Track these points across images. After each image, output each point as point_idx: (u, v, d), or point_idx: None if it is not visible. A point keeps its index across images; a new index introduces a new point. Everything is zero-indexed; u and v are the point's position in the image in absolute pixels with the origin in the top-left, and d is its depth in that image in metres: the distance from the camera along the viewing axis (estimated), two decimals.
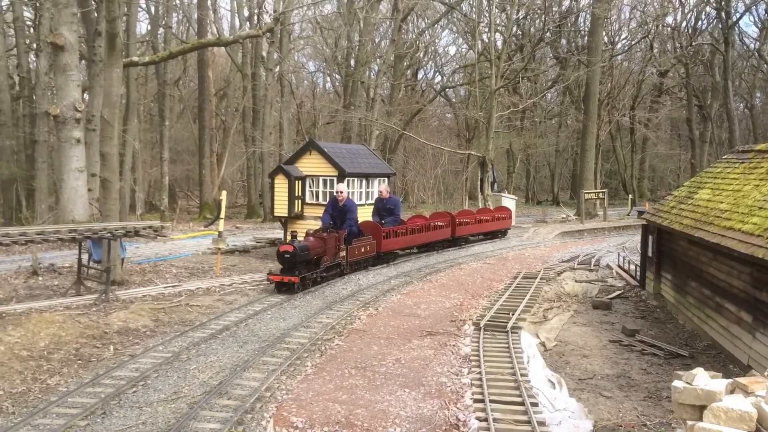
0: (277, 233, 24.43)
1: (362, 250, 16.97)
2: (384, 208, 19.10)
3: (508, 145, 49.01)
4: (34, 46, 30.19)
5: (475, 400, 8.00)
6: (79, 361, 9.06)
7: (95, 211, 20.32)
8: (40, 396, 7.76)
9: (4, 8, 30.96)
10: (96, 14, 23.15)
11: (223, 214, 18.39)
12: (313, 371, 8.99)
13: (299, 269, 13.95)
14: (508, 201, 34.03)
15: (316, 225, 18.36)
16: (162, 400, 7.56)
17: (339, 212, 16.40)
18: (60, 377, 8.40)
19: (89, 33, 24.74)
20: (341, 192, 16.54)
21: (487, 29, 33.85)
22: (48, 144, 27.18)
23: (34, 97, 27.40)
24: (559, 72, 47.92)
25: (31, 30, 32.36)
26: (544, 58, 51.81)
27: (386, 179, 21.04)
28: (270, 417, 7.20)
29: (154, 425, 6.81)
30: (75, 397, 7.56)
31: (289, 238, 15.15)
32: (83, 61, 27.72)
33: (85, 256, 14.29)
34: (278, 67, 37.47)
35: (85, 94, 24.30)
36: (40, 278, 15.41)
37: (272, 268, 16.04)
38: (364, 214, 20.09)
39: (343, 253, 15.98)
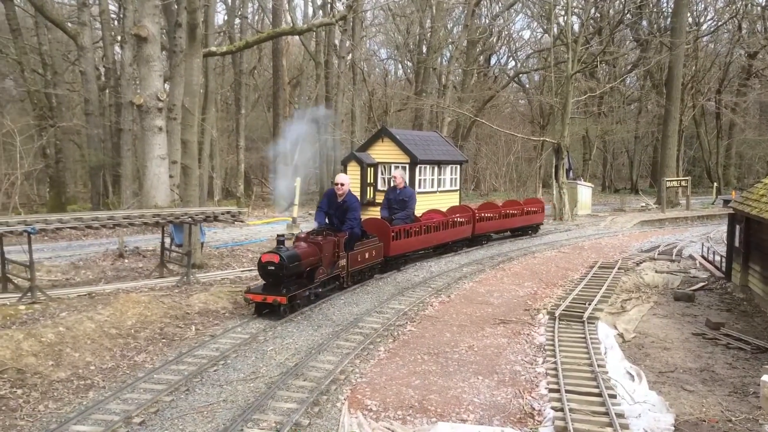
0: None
1: (366, 256, 13.52)
2: (396, 200, 16.02)
3: (585, 131, 47.66)
4: (119, 38, 31.45)
5: (550, 390, 7.86)
6: (164, 340, 9.45)
7: (176, 196, 21.08)
8: (128, 372, 8.14)
9: (91, 1, 32.37)
10: (177, 6, 23.92)
11: (297, 201, 18.73)
12: (386, 356, 9.05)
13: (287, 285, 10.74)
14: (584, 189, 33.17)
15: None
16: (241, 379, 7.79)
17: (337, 210, 12.75)
18: (146, 355, 8.79)
19: (170, 24, 25.61)
20: (341, 184, 12.68)
21: (563, 12, 32.87)
22: (132, 132, 28.32)
23: (119, 88, 28.57)
24: (640, 55, 46.06)
25: (116, 23, 33.73)
26: (624, 40, 49.94)
27: (401, 167, 20.62)
28: (345, 399, 7.30)
29: (234, 403, 7.03)
30: (160, 374, 7.89)
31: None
32: (164, 52, 28.73)
33: (167, 240, 14.87)
34: (350, 55, 37.69)
35: (166, 84, 25.17)
36: (126, 260, 16.13)
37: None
38: (426, 204, 20.00)
39: (343, 262, 12.60)
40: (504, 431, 6.56)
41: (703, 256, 18.90)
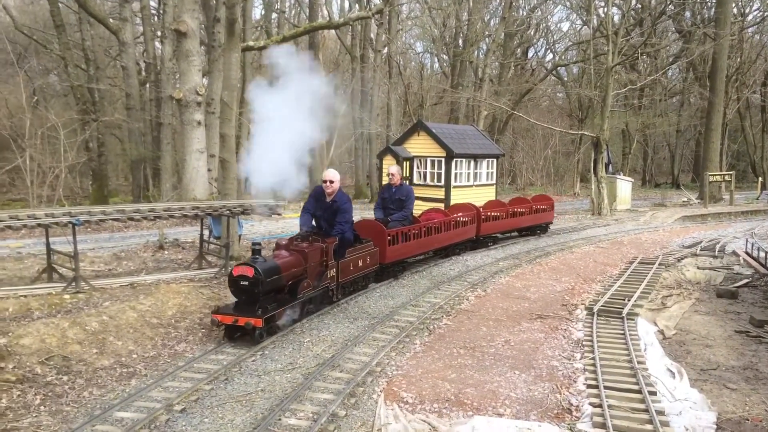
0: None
1: (359, 264, 11.58)
2: (392, 199, 13.86)
3: (625, 124, 46.81)
4: (159, 33, 31.98)
5: (589, 386, 7.77)
6: (203, 330, 9.61)
7: (214, 190, 21.37)
8: (169, 360, 8.30)
9: None
10: (215, 1, 24.17)
11: None
12: (422, 349, 9.06)
13: (264, 304, 8.87)
14: (624, 183, 32.61)
15: (426, 207, 18.38)
16: (278, 369, 7.88)
17: (326, 211, 10.97)
18: (186, 344, 8.95)
19: (209, 20, 25.91)
20: (330, 181, 10.80)
21: (603, 3, 32.28)
22: (171, 126, 28.80)
23: (159, 82, 29.05)
24: (683, 47, 45.02)
25: (156, 18, 34.29)
26: (666, 32, 48.82)
27: (393, 161, 20.41)
28: (381, 391, 7.33)
29: (272, 392, 7.11)
30: (200, 363, 8.03)
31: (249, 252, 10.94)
32: (203, 47, 29.10)
33: (206, 233, 15.09)
34: (386, 49, 37.67)
35: (205, 79, 25.51)
36: (166, 252, 16.43)
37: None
38: (463, 198, 19.88)
39: (332, 272, 10.67)
40: (541, 426, 6.51)
41: (747, 253, 18.42)
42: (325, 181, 10.77)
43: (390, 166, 14.25)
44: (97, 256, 15.46)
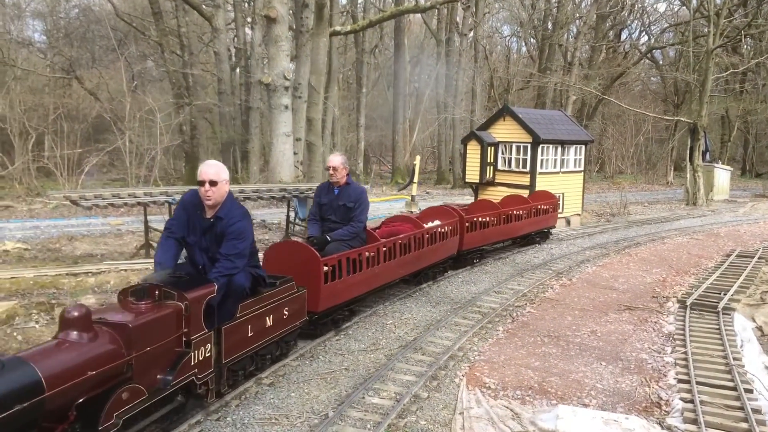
0: (467, 199, 24.52)
1: (268, 323, 6.61)
2: (333, 206, 8.81)
3: (724, 110, 44.31)
4: (249, 19, 32.81)
5: (680, 381, 7.48)
6: None
7: (299, 173, 21.85)
8: None
9: None
10: None
11: (416, 179, 18.83)
12: (505, 336, 8.97)
13: None
14: (722, 172, 31.00)
15: (507, 192, 18.12)
16: (362, 349, 8.00)
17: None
18: None
19: (297, 5, 26.37)
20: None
21: None
22: (260, 111, 29.59)
23: (249, 67, 29.84)
24: None
25: (247, 5, 35.19)
26: None
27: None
28: (463, 375, 7.32)
29: (355, 371, 7.24)
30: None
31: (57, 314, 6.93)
32: (291, 32, 29.66)
33: (291, 214, 15.49)
34: (472, 32, 37.16)
35: (292, 64, 26.03)
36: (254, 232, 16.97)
37: None
38: (547, 186, 19.41)
39: (204, 351, 5.53)
40: (629, 419, 6.32)
41: None
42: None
43: (332, 155, 8.82)
44: None
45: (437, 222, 11.77)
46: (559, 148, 19.30)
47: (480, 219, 13.26)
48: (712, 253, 16.07)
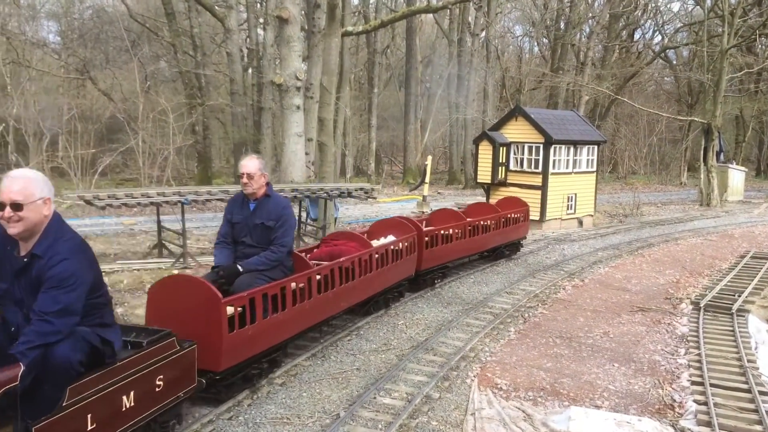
0: (479, 199, 24.46)
1: (121, 410, 4.42)
2: (249, 225, 6.78)
3: (739, 111, 43.94)
4: (262, 20, 32.90)
5: (693, 383, 7.43)
6: None
7: (311, 173, 21.89)
8: None
9: None
10: None
11: (428, 179, 18.82)
12: (516, 337, 8.94)
13: None
14: (736, 173, 30.74)
15: (520, 193, 18.06)
16: (373, 349, 8.01)
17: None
18: None
19: (309, 6, 26.42)
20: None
21: None
22: (271, 111, 29.66)
23: (261, 68, 29.91)
24: None
25: (259, 5, 35.30)
26: None
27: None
28: (474, 376, 7.31)
29: (366, 371, 7.24)
30: (299, 340, 8.25)
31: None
32: (303, 33, 29.71)
33: (303, 215, 15.52)
34: (484, 33, 37.07)
35: (304, 64, 26.06)
36: None
37: None
38: (562, 187, 19.31)
39: None
40: (641, 420, 6.28)
41: None
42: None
43: (245, 159, 6.73)
44: (202, 234, 16.24)
45: (390, 238, 10.07)
46: (572, 149, 19.22)
47: (441, 232, 11.39)
48: (726, 255, 15.95)
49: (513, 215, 14.19)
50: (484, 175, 19.55)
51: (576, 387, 7.23)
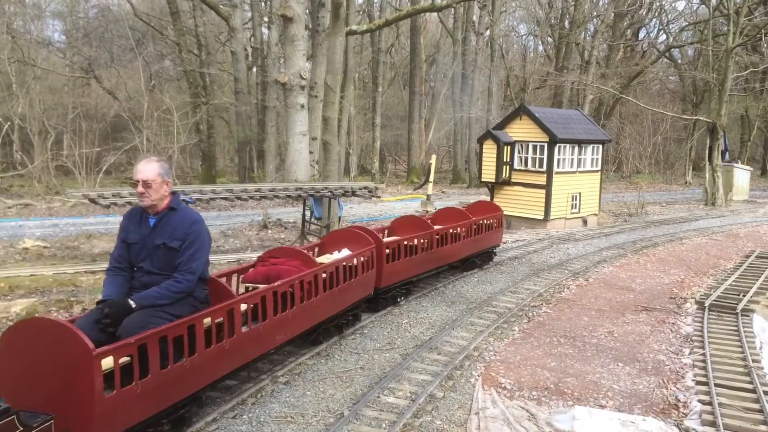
0: (483, 198, 24.45)
1: None
2: (148, 247, 5.23)
3: (744, 110, 43.77)
4: (266, 19, 32.93)
5: (698, 382, 7.41)
6: None
7: (315, 172, 21.91)
8: None
9: None
10: None
11: (432, 178, 18.81)
12: (521, 336, 8.93)
13: None
14: (742, 172, 30.65)
15: (524, 192, 18.01)
16: (377, 348, 8.01)
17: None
18: None
19: (314, 4, 26.45)
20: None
21: None
22: (276, 110, 29.70)
23: (265, 67, 29.95)
24: None
25: (264, 4, 35.34)
26: None
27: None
28: (478, 375, 7.30)
29: (370, 370, 7.25)
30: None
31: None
32: (307, 32, 29.72)
33: (307, 213, 15.53)
34: (488, 31, 37.03)
35: (308, 63, 26.07)
36: (269, 231, 17.05)
37: None
38: (568, 186, 19.28)
39: None
40: (646, 420, 6.27)
41: None
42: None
43: (143, 162, 5.31)
44: None
45: (345, 252, 8.82)
46: (576, 148, 19.18)
47: (405, 243, 10.05)
48: (731, 254, 15.90)
49: (486, 221, 12.85)
50: (489, 174, 19.54)
51: (580, 386, 7.21)
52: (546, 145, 18.47)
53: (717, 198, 26.92)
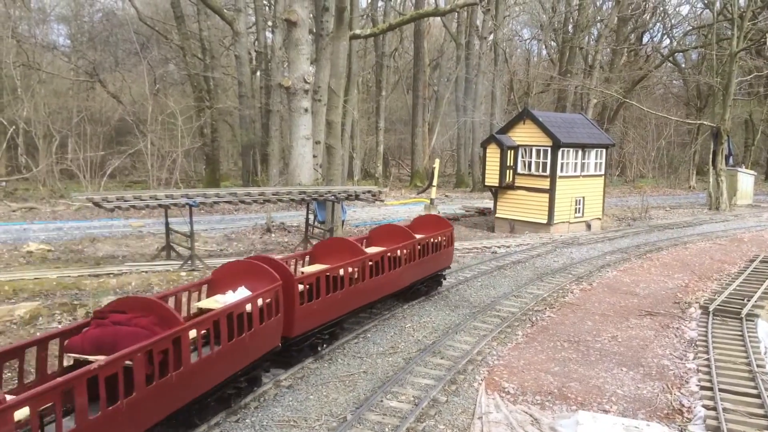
0: (487, 202, 24.43)
1: None
2: None
3: (748, 114, 43.70)
4: (270, 23, 33.00)
5: (702, 387, 7.39)
6: None
7: (318, 176, 21.92)
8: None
9: None
10: None
11: (436, 182, 18.79)
12: (524, 340, 8.92)
13: None
14: (746, 177, 30.56)
15: (527, 196, 17.95)
16: (380, 352, 8.00)
17: None
18: None
19: (318, 9, 26.50)
20: None
21: None
22: (279, 114, 29.73)
23: (269, 71, 30.00)
24: None
25: (268, 8, 35.41)
26: None
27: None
28: (482, 380, 7.29)
29: (374, 375, 7.24)
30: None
31: None
32: (311, 36, 29.78)
33: (311, 217, 15.53)
34: (492, 36, 37.04)
35: (312, 67, 26.11)
36: (273, 234, 17.05)
37: (479, 235, 15.19)
38: (571, 190, 19.25)
39: None
40: (650, 426, 6.25)
41: None
42: None
43: None
44: (210, 236, 16.27)
45: (240, 292, 6.73)
46: (580, 152, 19.17)
47: (328, 274, 7.85)
48: (735, 259, 15.84)
49: (433, 240, 10.58)
50: (492, 179, 19.51)
51: (584, 391, 7.19)
52: (549, 149, 18.46)
53: (721, 202, 26.84)
